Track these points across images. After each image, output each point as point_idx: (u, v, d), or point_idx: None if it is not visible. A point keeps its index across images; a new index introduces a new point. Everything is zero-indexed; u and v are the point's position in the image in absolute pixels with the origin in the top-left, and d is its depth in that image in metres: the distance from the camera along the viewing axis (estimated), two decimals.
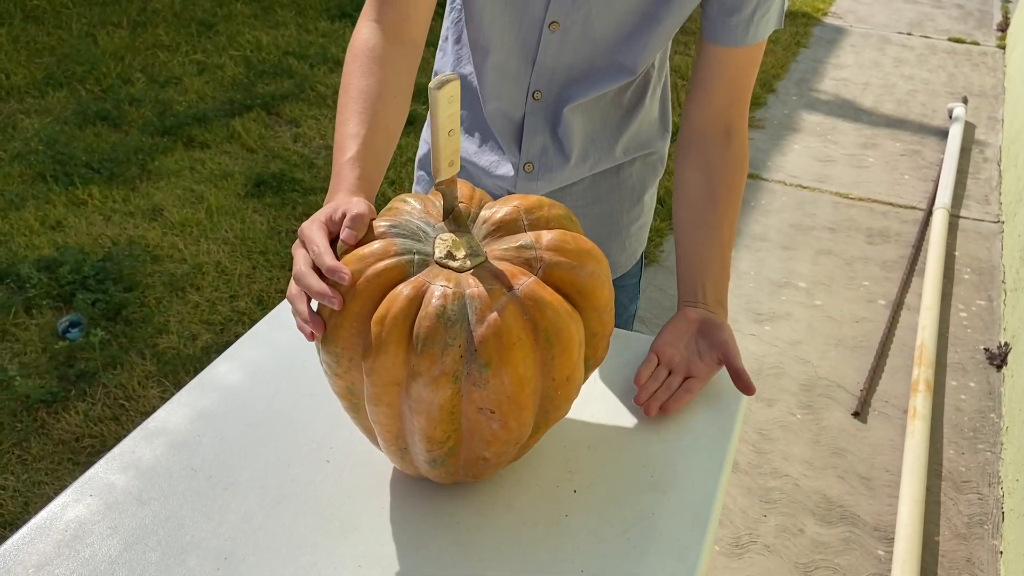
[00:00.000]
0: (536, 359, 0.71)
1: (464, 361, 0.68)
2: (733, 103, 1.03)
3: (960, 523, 2.01)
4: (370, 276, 0.71)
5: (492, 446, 0.75)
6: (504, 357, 0.68)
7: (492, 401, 0.70)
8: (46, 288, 2.45)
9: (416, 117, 3.70)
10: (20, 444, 2.01)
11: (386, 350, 0.69)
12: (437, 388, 0.69)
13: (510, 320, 0.69)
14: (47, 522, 0.80)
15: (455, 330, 0.68)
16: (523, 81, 1.05)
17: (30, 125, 3.38)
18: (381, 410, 0.72)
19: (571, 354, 0.73)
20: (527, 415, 0.73)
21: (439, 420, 0.71)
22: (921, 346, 2.50)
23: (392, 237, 0.74)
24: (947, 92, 4.61)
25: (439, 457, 0.75)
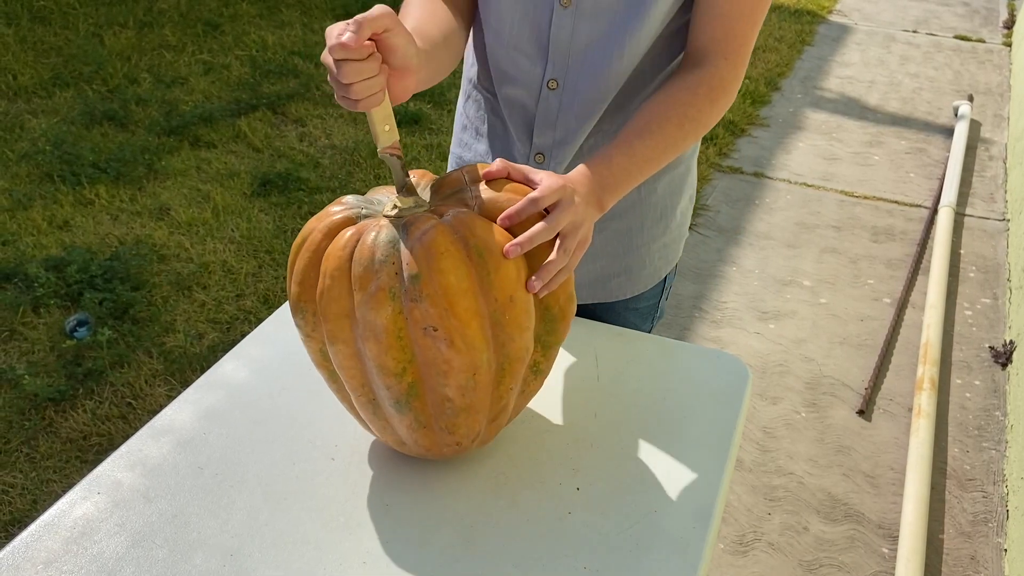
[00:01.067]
0: (470, 274, 0.74)
1: (399, 278, 0.73)
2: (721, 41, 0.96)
3: (964, 521, 2.01)
4: (321, 228, 0.78)
5: (450, 377, 0.75)
6: (433, 266, 0.72)
7: (431, 316, 0.73)
8: (54, 287, 2.47)
9: (420, 116, 3.71)
10: (28, 442, 2.02)
11: (333, 281, 0.74)
12: (378, 306, 0.73)
13: (438, 236, 0.74)
14: (55, 519, 0.81)
15: (387, 250, 0.74)
16: (537, 67, 1.01)
17: (37, 125, 3.39)
18: (339, 349, 0.76)
19: (507, 270, 0.75)
20: (472, 334, 0.74)
21: (388, 346, 0.73)
22: (926, 344, 2.50)
23: (347, 203, 0.81)
24: (953, 90, 4.60)
25: (402, 397, 0.76)
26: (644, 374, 1.03)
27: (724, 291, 2.80)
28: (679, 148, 0.94)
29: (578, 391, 1.00)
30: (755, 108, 4.18)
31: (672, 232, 1.17)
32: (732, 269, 2.92)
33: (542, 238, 0.77)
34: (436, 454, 0.84)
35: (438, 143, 3.52)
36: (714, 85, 0.95)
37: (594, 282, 1.15)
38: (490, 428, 0.83)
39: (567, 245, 0.79)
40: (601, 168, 0.89)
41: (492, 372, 0.78)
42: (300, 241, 0.79)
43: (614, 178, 0.89)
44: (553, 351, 0.84)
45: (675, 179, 1.13)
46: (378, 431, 0.83)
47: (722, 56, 0.96)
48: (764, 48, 4.98)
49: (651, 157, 0.92)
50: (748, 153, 3.77)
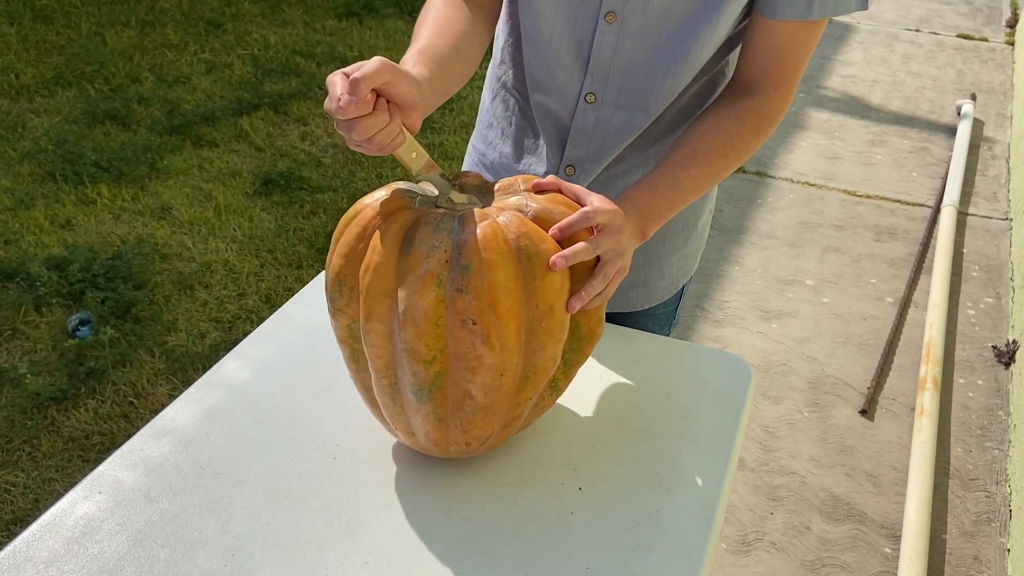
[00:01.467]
0: (517, 276, 0.75)
1: (449, 266, 0.74)
2: (774, 73, 0.95)
3: (967, 521, 2.01)
4: (375, 206, 0.79)
5: (477, 374, 0.75)
6: (484, 259, 0.73)
7: (474, 309, 0.73)
8: (56, 286, 2.47)
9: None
10: (30, 441, 2.02)
11: (382, 258, 0.75)
12: (423, 290, 0.73)
13: (492, 232, 0.75)
14: (56, 519, 0.81)
15: (442, 236, 0.75)
16: (575, 80, 0.99)
17: (39, 124, 3.40)
18: (373, 327, 0.76)
19: (553, 280, 0.76)
20: (508, 335, 0.74)
21: (424, 331, 0.74)
22: (929, 344, 2.49)
23: (401, 188, 0.82)
24: (955, 89, 4.59)
25: (425, 385, 0.76)
26: (646, 374, 1.03)
27: (726, 290, 2.80)
28: (721, 176, 0.95)
29: (580, 391, 0.99)
30: None
31: (692, 244, 1.16)
32: (735, 268, 2.92)
33: (584, 256, 0.78)
34: (442, 451, 0.83)
35: (440, 142, 3.52)
36: (764, 115, 0.95)
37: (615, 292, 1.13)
38: (501, 434, 0.83)
39: (607, 271, 0.80)
40: (647, 197, 0.90)
41: (517, 378, 0.78)
42: (351, 216, 0.80)
43: (658, 208, 0.90)
44: (573, 370, 0.84)
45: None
46: (390, 417, 0.82)
47: (773, 87, 0.95)
48: None
49: (694, 188, 0.93)
50: None
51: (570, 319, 0.80)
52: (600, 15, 0.94)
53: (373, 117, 0.73)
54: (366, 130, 0.73)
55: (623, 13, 0.93)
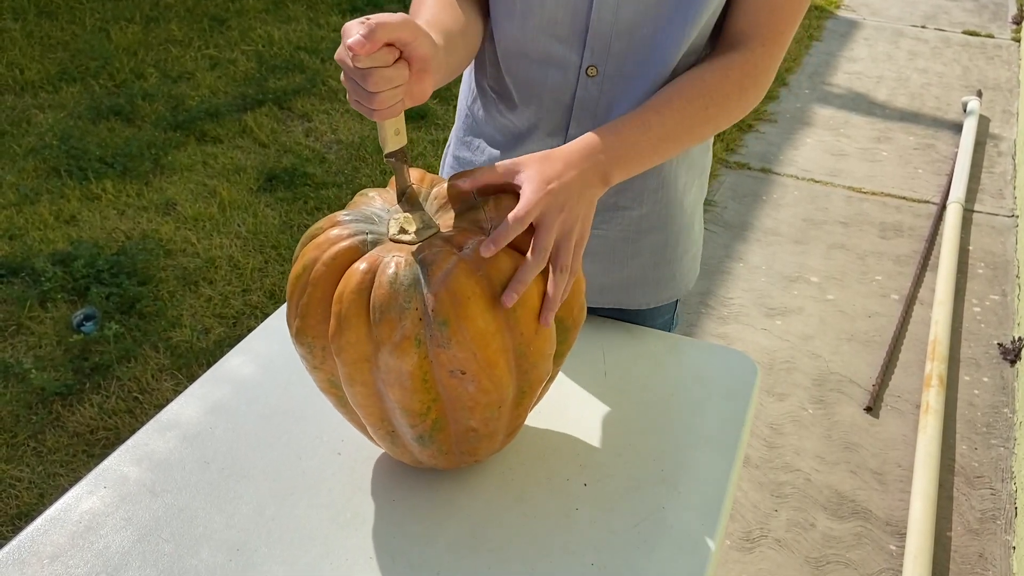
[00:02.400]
0: (496, 313, 0.71)
1: (424, 324, 0.69)
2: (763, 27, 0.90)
3: (972, 518, 2.00)
4: (326, 261, 0.73)
5: (475, 412, 0.74)
6: (460, 312, 0.69)
7: (460, 361, 0.70)
8: (61, 282, 2.47)
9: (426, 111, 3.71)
10: (35, 436, 2.02)
11: (348, 325, 0.70)
12: (402, 355, 0.69)
13: (462, 277, 0.70)
14: (61, 514, 0.81)
15: (410, 294, 0.69)
16: (574, 53, 0.92)
17: (44, 120, 3.40)
18: (357, 390, 0.73)
19: (531, 303, 0.72)
20: (500, 373, 0.72)
21: (413, 389, 0.71)
22: (934, 341, 2.48)
23: (347, 224, 0.76)
24: (961, 85, 4.58)
25: (425, 433, 0.75)
26: (651, 370, 1.02)
27: (731, 287, 2.79)
28: (700, 132, 0.89)
29: (585, 387, 0.99)
30: (762, 103, 4.17)
31: (695, 243, 1.13)
32: (739, 265, 2.91)
33: (536, 269, 0.72)
34: (451, 468, 0.84)
35: (444, 138, 3.51)
36: (747, 71, 0.90)
37: (619, 286, 1.10)
38: (506, 440, 0.83)
39: (563, 263, 0.75)
40: (609, 138, 0.82)
41: (513, 399, 0.77)
42: (300, 272, 0.74)
43: (624, 150, 0.83)
44: (563, 359, 0.83)
45: (699, 187, 1.09)
46: (394, 455, 0.82)
47: (760, 42, 0.90)
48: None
49: (668, 136, 0.86)
50: (755, 149, 3.75)
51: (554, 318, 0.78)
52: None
53: (392, 70, 0.68)
54: (381, 81, 0.67)
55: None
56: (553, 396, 0.98)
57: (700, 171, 1.08)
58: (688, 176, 1.05)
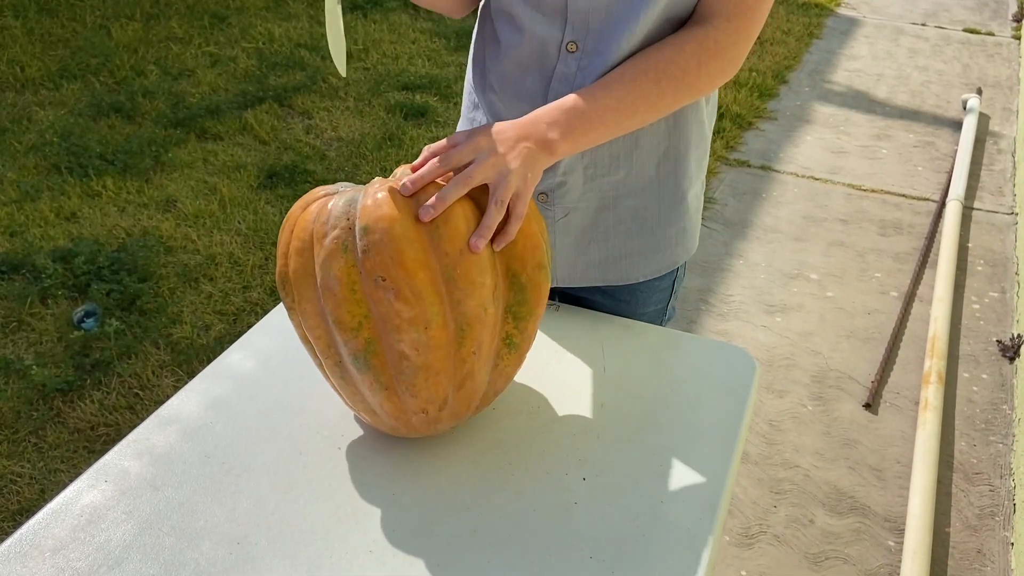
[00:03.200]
0: (418, 227, 0.76)
1: (351, 231, 0.76)
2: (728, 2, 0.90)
3: (971, 515, 2.01)
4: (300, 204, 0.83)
5: (403, 332, 0.76)
6: (378, 215, 0.76)
7: (380, 266, 0.75)
8: (61, 278, 2.47)
9: (427, 109, 3.71)
10: (36, 432, 2.03)
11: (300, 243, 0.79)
12: (332, 259, 0.76)
13: (388, 196, 0.77)
14: (63, 507, 0.81)
15: (344, 207, 0.78)
16: (556, 25, 0.94)
17: (45, 117, 3.40)
18: (305, 309, 0.79)
19: (456, 223, 0.77)
20: (419, 284, 0.76)
21: (343, 298, 0.76)
22: (933, 338, 2.49)
23: (332, 189, 0.84)
24: (961, 83, 4.58)
25: (360, 354, 0.78)
26: (651, 366, 1.03)
27: (730, 284, 2.80)
28: (655, 105, 0.90)
29: (584, 382, 1.00)
30: (762, 101, 4.17)
31: (691, 218, 1.12)
32: (739, 262, 2.91)
33: (457, 192, 0.77)
34: (406, 425, 0.83)
35: (444, 135, 3.52)
36: (707, 45, 0.90)
37: (604, 261, 1.11)
38: (459, 397, 0.82)
39: (500, 196, 0.78)
40: (551, 109, 0.86)
41: (450, 332, 0.78)
42: (284, 222, 0.83)
43: (566, 118, 0.85)
44: (527, 323, 0.83)
45: (691, 160, 1.07)
46: (349, 398, 0.84)
47: (725, 17, 0.90)
48: (772, 41, 4.96)
49: (615, 108, 0.87)
50: (755, 146, 3.75)
51: (505, 269, 0.80)
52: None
53: None
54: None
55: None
56: (552, 390, 0.98)
57: (691, 142, 1.05)
58: (671, 142, 1.04)
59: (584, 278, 1.12)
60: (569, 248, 1.10)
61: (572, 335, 1.08)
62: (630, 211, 1.07)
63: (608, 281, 1.13)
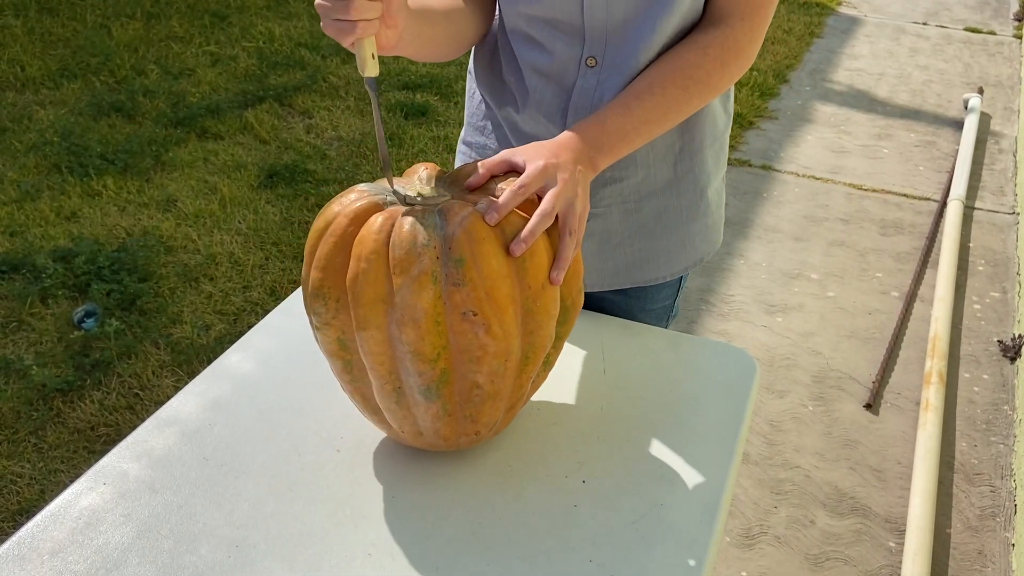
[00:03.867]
0: (508, 260, 0.75)
1: (440, 262, 0.73)
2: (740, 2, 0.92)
3: (972, 515, 2.00)
4: (347, 213, 0.77)
5: (483, 363, 0.75)
6: (476, 251, 0.73)
7: (472, 301, 0.73)
8: (62, 278, 2.47)
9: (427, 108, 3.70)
10: (36, 432, 2.03)
11: (369, 264, 0.73)
12: (420, 290, 0.72)
13: (477, 223, 0.74)
14: (61, 510, 0.81)
15: (429, 233, 0.74)
16: (576, 42, 0.96)
17: (45, 116, 3.40)
18: (370, 335, 0.75)
19: (540, 258, 0.76)
20: (508, 321, 0.75)
21: (426, 330, 0.73)
22: (934, 338, 2.48)
23: (365, 191, 0.80)
24: (963, 82, 4.57)
25: (433, 384, 0.76)
26: (651, 367, 1.02)
27: (731, 284, 2.79)
28: (683, 110, 0.92)
29: (584, 384, 0.99)
30: (763, 100, 4.16)
31: (712, 213, 1.13)
32: (739, 262, 2.91)
33: (543, 227, 0.76)
34: (452, 444, 0.83)
35: (444, 135, 3.51)
36: (727, 46, 0.92)
37: (631, 264, 1.11)
38: (507, 416, 0.84)
39: (571, 227, 0.79)
40: (594, 128, 0.87)
41: (518, 360, 0.78)
42: (322, 226, 0.78)
43: (608, 138, 0.88)
44: (562, 343, 0.84)
45: (708, 156, 1.08)
46: (396, 422, 0.82)
47: (739, 17, 0.92)
48: (773, 40, 4.96)
49: (650, 119, 0.90)
50: (756, 146, 3.75)
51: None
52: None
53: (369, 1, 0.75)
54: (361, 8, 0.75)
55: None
56: (552, 392, 0.98)
57: (705, 139, 1.06)
58: (685, 141, 1.05)
59: (613, 282, 1.13)
60: (595, 253, 1.11)
61: (572, 337, 1.08)
62: (652, 212, 1.08)
63: (635, 282, 1.13)
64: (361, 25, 0.76)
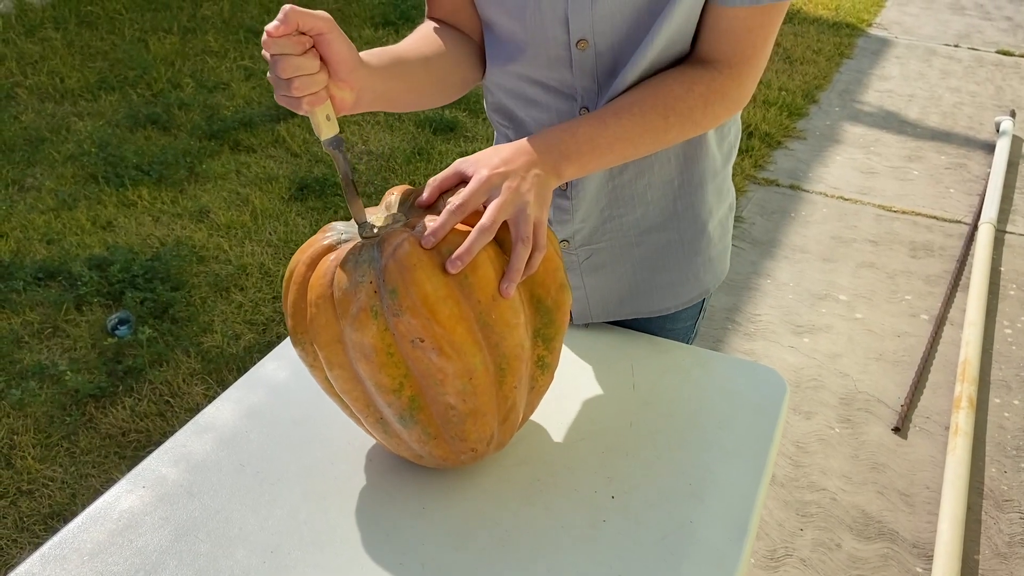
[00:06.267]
0: (447, 281, 0.74)
1: (378, 296, 0.73)
2: (727, 54, 0.91)
3: (1001, 542, 1.98)
4: (305, 260, 0.79)
5: (446, 385, 0.75)
6: (407, 278, 0.72)
7: (415, 328, 0.73)
8: (97, 286, 2.52)
9: (456, 124, 3.74)
10: (69, 437, 2.06)
11: (319, 309, 0.75)
12: (362, 327, 0.73)
13: (410, 248, 0.74)
14: (101, 511, 0.83)
15: (363, 269, 0.74)
16: (568, 97, 0.96)
17: (83, 128, 3.47)
18: (338, 375, 0.76)
19: (484, 271, 0.74)
20: (459, 339, 0.74)
21: (380, 364, 0.74)
22: (964, 362, 2.46)
23: (332, 229, 0.82)
24: (994, 105, 4.53)
25: (405, 412, 0.77)
26: (680, 384, 1.03)
27: (758, 303, 2.78)
28: (660, 138, 0.90)
29: (614, 400, 1.00)
30: (792, 120, 4.16)
31: (715, 246, 1.13)
32: (767, 282, 2.90)
33: (480, 244, 0.74)
34: (455, 463, 0.84)
35: (472, 150, 3.54)
36: (714, 87, 0.90)
37: (635, 296, 1.13)
38: (503, 429, 0.83)
39: (523, 235, 0.76)
40: (562, 134, 0.85)
41: (491, 374, 0.78)
42: (288, 275, 0.80)
43: (576, 146, 0.85)
44: (555, 343, 0.83)
45: (708, 192, 1.08)
46: (393, 448, 0.84)
47: (726, 64, 0.91)
48: (802, 60, 4.95)
49: (624, 138, 0.88)
50: (784, 165, 3.74)
51: (529, 297, 0.79)
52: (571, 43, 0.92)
53: (301, 59, 0.72)
54: (291, 68, 0.72)
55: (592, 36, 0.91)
56: (581, 408, 0.99)
57: (705, 175, 1.06)
58: (684, 178, 1.05)
59: (618, 313, 1.14)
60: (599, 287, 1.11)
61: (601, 353, 1.08)
62: (653, 246, 1.09)
63: (640, 314, 1.15)
64: (308, 99, 0.74)
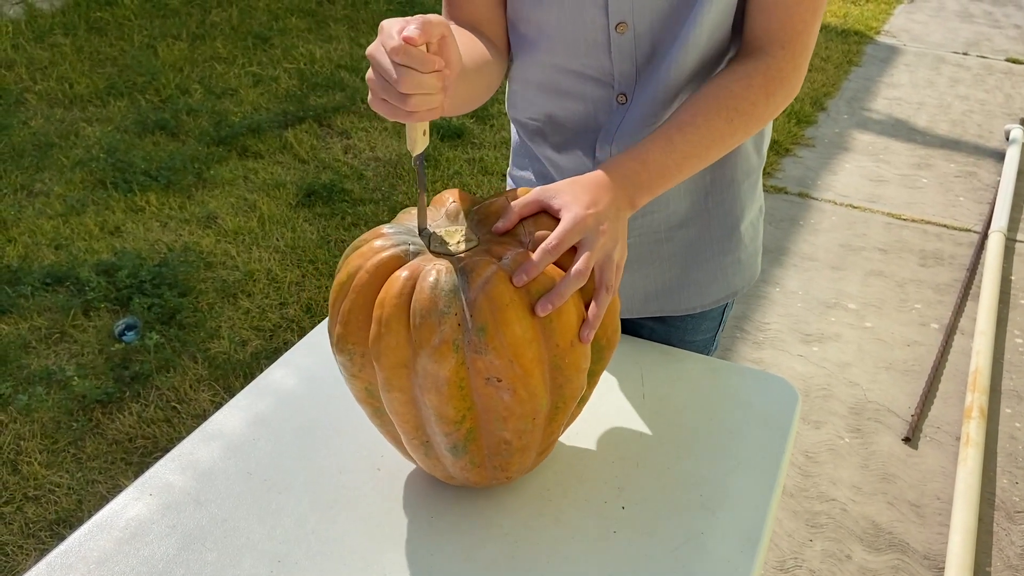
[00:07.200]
0: (534, 323, 0.72)
1: (462, 329, 0.70)
2: (778, 30, 0.89)
3: (1012, 554, 1.96)
4: (369, 268, 0.74)
5: (509, 423, 0.74)
6: (499, 318, 0.70)
7: (496, 368, 0.71)
8: (104, 291, 2.52)
9: (463, 130, 3.74)
10: (75, 443, 2.06)
11: (389, 329, 0.71)
12: (441, 359, 0.70)
13: (500, 285, 0.71)
14: (108, 520, 0.82)
15: (450, 299, 0.70)
16: (605, 85, 0.95)
17: (92, 133, 3.48)
18: (395, 396, 0.73)
19: (568, 316, 0.73)
20: (535, 383, 0.72)
21: (449, 396, 0.72)
22: (975, 372, 2.44)
23: (391, 236, 0.78)
24: (1004, 113, 4.52)
25: (459, 442, 0.75)
26: (690, 393, 1.02)
27: (767, 312, 2.77)
28: (727, 143, 0.89)
29: (624, 410, 0.99)
30: (800, 128, 4.15)
31: (745, 247, 1.11)
32: (775, 290, 2.89)
33: (572, 288, 0.72)
34: (483, 486, 0.84)
35: (480, 157, 3.54)
36: (771, 76, 0.89)
37: (662, 292, 1.11)
38: (538, 459, 0.83)
39: (607, 282, 0.76)
40: (635, 164, 0.84)
41: (547, 414, 0.77)
42: (344, 279, 0.76)
43: (648, 175, 0.84)
44: (596, 379, 0.83)
45: (741, 190, 1.07)
46: (427, 468, 0.82)
47: (779, 45, 0.89)
48: (811, 68, 4.94)
49: (693, 153, 0.86)
50: (793, 173, 3.73)
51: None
52: (611, 28, 0.91)
53: (427, 77, 0.67)
54: (412, 84, 0.66)
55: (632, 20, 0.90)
56: (591, 418, 0.98)
57: (737, 171, 1.05)
58: (716, 175, 1.04)
59: (643, 309, 1.13)
60: (626, 283, 1.11)
61: (611, 361, 1.07)
62: (682, 243, 1.08)
63: (665, 311, 1.13)
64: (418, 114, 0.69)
